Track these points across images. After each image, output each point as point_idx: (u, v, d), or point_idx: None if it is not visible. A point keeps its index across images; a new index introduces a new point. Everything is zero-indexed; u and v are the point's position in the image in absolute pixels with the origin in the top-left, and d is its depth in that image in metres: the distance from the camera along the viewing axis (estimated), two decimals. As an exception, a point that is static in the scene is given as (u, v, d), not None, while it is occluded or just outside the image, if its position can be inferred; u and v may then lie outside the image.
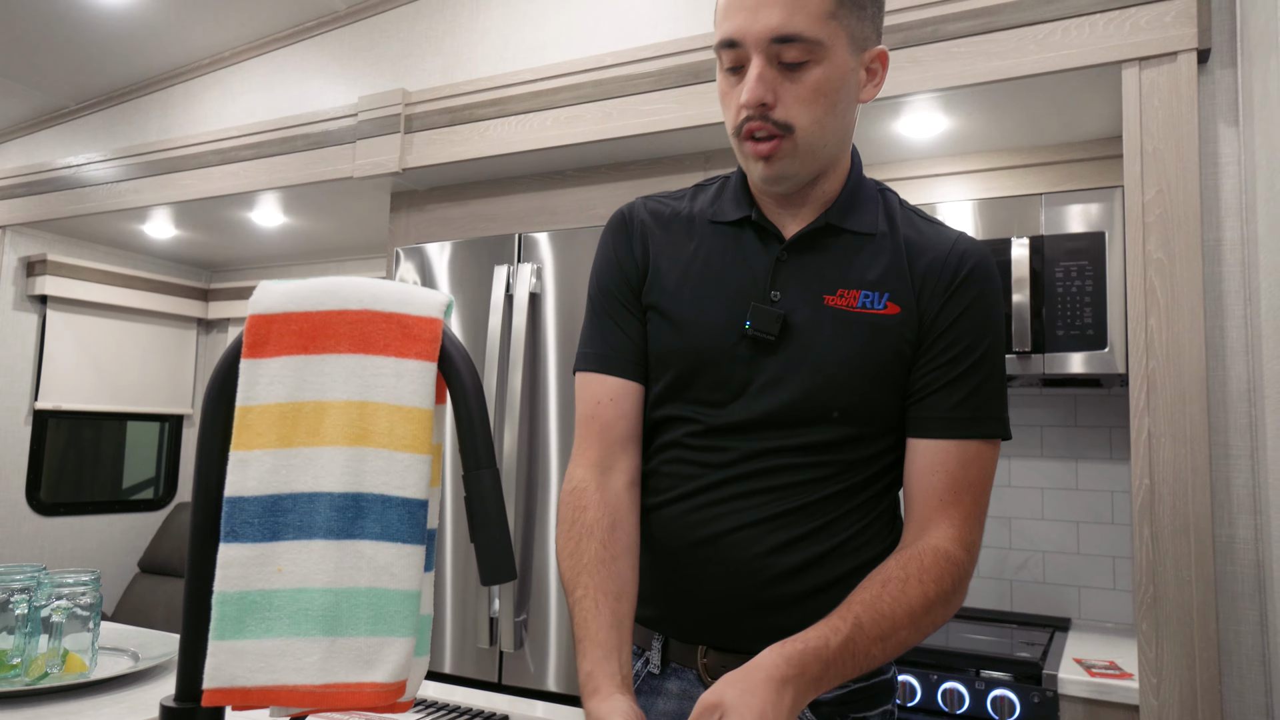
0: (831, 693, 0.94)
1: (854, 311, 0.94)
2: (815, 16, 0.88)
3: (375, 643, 0.64)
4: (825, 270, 0.96)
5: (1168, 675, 1.42)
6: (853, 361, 0.93)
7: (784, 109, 0.89)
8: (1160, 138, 1.52)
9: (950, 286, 0.95)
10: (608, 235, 1.05)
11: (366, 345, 0.67)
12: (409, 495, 0.66)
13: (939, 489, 0.92)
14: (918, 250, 0.96)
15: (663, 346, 0.99)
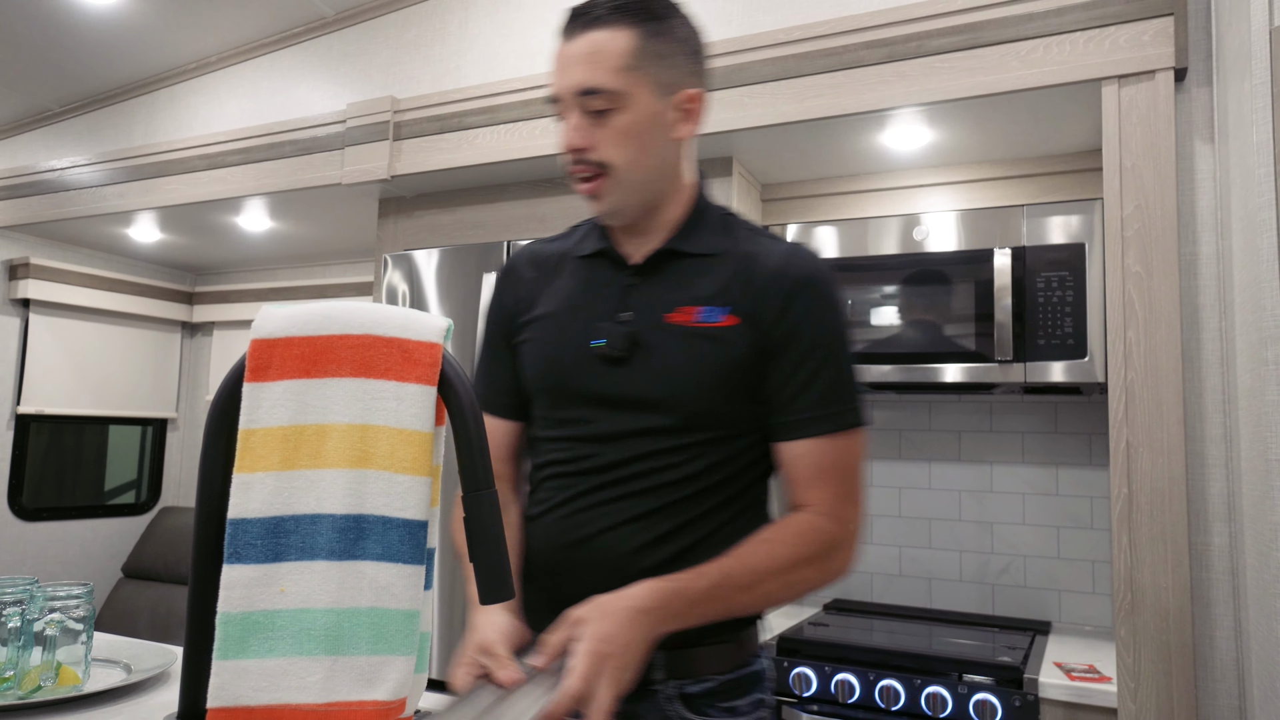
0: (699, 684, 1.03)
1: (692, 325, 1.04)
2: (613, 70, 1.01)
3: (377, 661, 0.65)
4: (668, 291, 1.07)
5: (1145, 679, 1.46)
6: (694, 370, 1.03)
7: (598, 151, 1.02)
8: (1139, 154, 1.56)
9: (786, 295, 1.04)
10: (495, 284, 1.18)
11: (368, 369, 0.69)
12: (409, 516, 0.67)
13: (806, 479, 1.03)
14: (756, 265, 1.06)
15: (530, 373, 1.10)
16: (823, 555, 1.00)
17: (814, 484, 1.02)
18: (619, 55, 1.01)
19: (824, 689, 1.87)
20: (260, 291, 3.66)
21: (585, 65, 1.01)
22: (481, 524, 0.68)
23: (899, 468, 2.48)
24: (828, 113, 1.84)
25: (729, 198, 2.09)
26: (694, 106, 1.06)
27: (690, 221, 1.09)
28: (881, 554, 2.47)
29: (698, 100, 1.06)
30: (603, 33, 1.02)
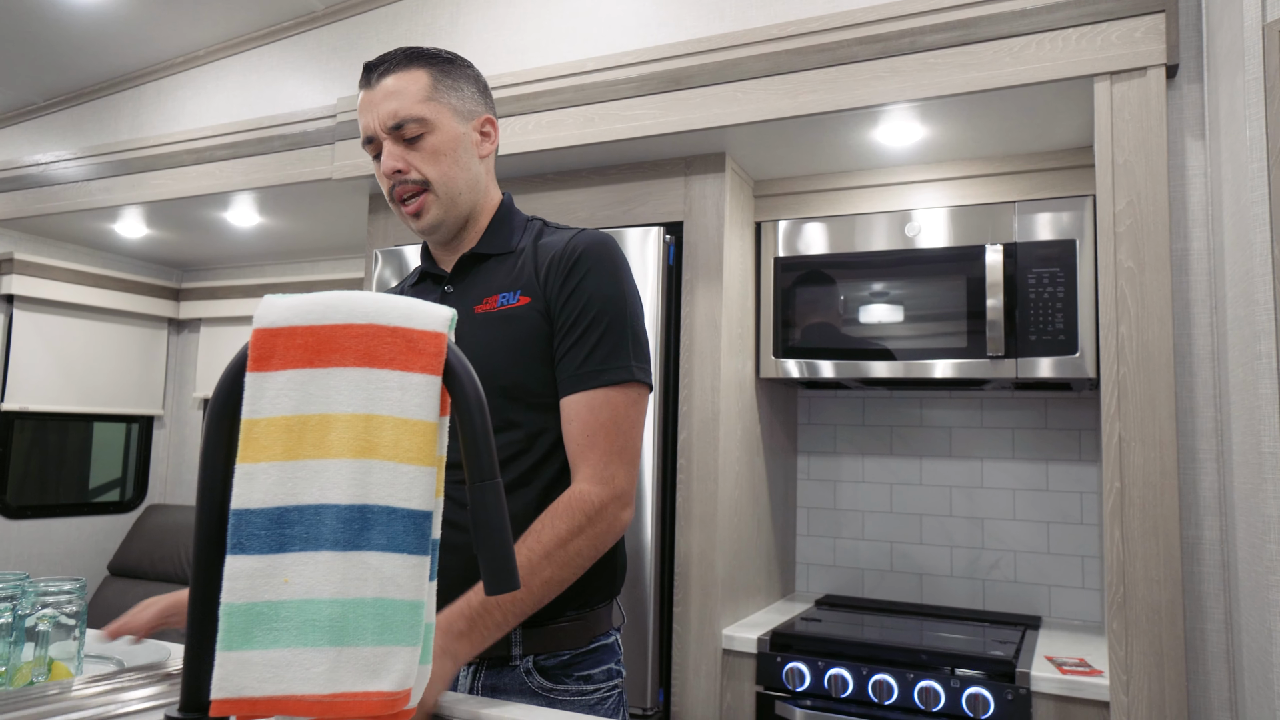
0: (554, 658, 1.14)
1: (495, 311, 1.18)
2: (416, 101, 1.16)
3: (381, 652, 0.65)
4: (475, 289, 1.21)
5: (1136, 673, 1.47)
6: (499, 347, 1.15)
7: (416, 170, 1.17)
8: (1130, 150, 1.57)
9: (566, 269, 1.17)
10: None
11: (372, 359, 0.68)
12: (414, 507, 0.67)
13: (576, 436, 1.12)
14: (546, 251, 1.20)
15: None
16: (590, 523, 1.08)
17: (584, 444, 1.11)
18: (419, 90, 1.17)
19: (817, 684, 1.88)
20: (248, 288, 3.64)
21: (391, 102, 1.16)
22: (486, 514, 0.67)
23: (890, 463, 2.49)
24: (821, 108, 1.84)
25: (721, 194, 2.09)
26: (490, 129, 1.24)
27: (491, 228, 1.24)
28: (873, 550, 2.48)
29: (493, 124, 1.24)
30: (400, 74, 1.17)
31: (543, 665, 1.14)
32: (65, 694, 0.95)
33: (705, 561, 2.00)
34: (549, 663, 1.15)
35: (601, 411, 1.12)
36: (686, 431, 2.05)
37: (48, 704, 0.93)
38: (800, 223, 2.26)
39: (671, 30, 2.14)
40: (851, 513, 2.52)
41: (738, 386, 2.16)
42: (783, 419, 2.51)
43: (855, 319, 2.15)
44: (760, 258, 2.32)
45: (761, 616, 2.20)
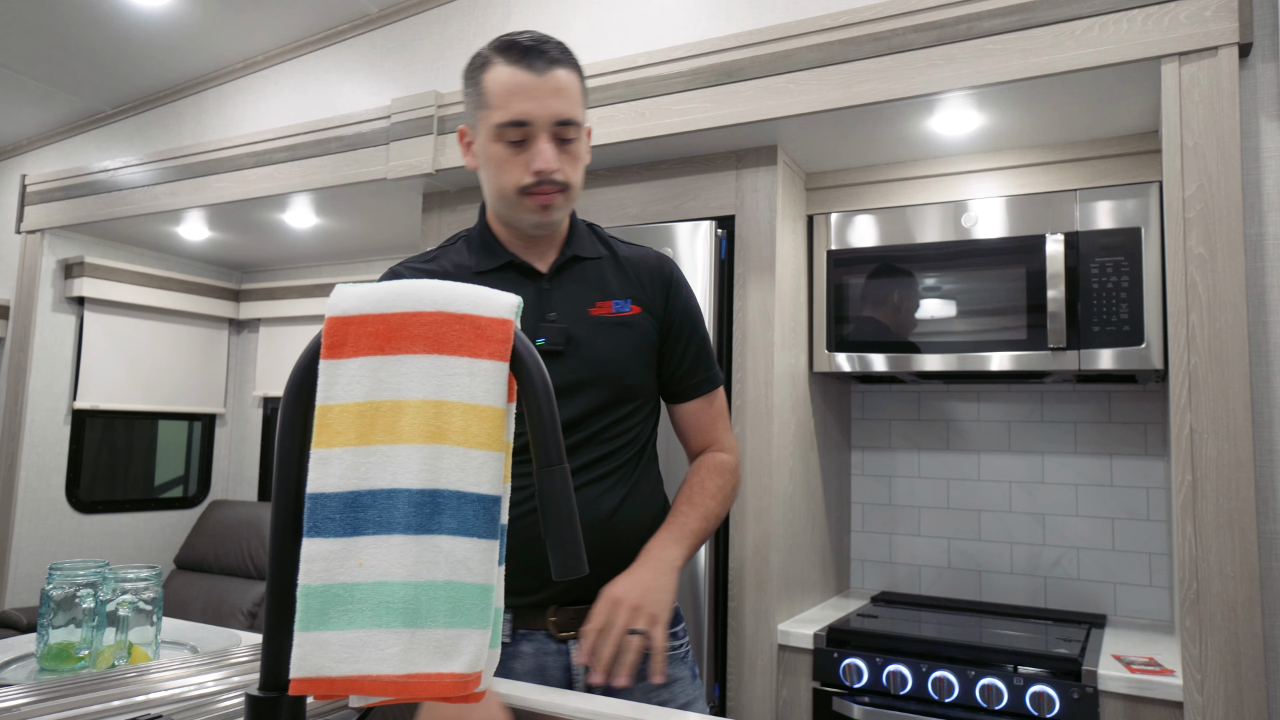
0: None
1: (612, 316, 1.27)
2: (575, 104, 1.19)
3: (453, 634, 0.65)
4: (577, 289, 1.27)
5: (1211, 671, 1.42)
6: (621, 352, 1.26)
7: (564, 173, 1.19)
8: (1200, 133, 1.52)
9: (665, 288, 1.33)
10: None
11: (441, 346, 0.69)
12: (483, 491, 0.68)
13: (705, 426, 1.36)
14: (635, 265, 1.32)
15: None
16: (733, 475, 1.35)
17: (709, 430, 1.37)
18: (578, 93, 1.20)
19: (875, 680, 1.85)
20: (305, 288, 3.72)
21: (559, 99, 1.16)
22: (554, 499, 0.68)
23: (947, 458, 2.45)
24: (875, 98, 1.82)
25: (773, 187, 2.08)
26: (590, 139, 1.34)
27: (574, 232, 1.31)
28: (930, 546, 2.44)
29: (589, 132, 1.29)
30: (563, 72, 1.17)
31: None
32: (145, 676, 0.99)
33: (760, 556, 1.99)
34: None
35: (715, 404, 1.38)
36: (740, 425, 2.04)
37: (130, 685, 0.96)
38: (853, 215, 2.23)
39: (722, 23, 2.13)
40: (907, 508, 2.49)
41: (791, 380, 2.14)
42: (836, 414, 2.48)
43: (910, 312, 2.12)
44: (812, 251, 2.29)
45: (817, 613, 2.18)
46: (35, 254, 3.29)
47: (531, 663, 1.20)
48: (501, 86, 1.14)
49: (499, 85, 1.14)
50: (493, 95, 1.15)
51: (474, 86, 1.19)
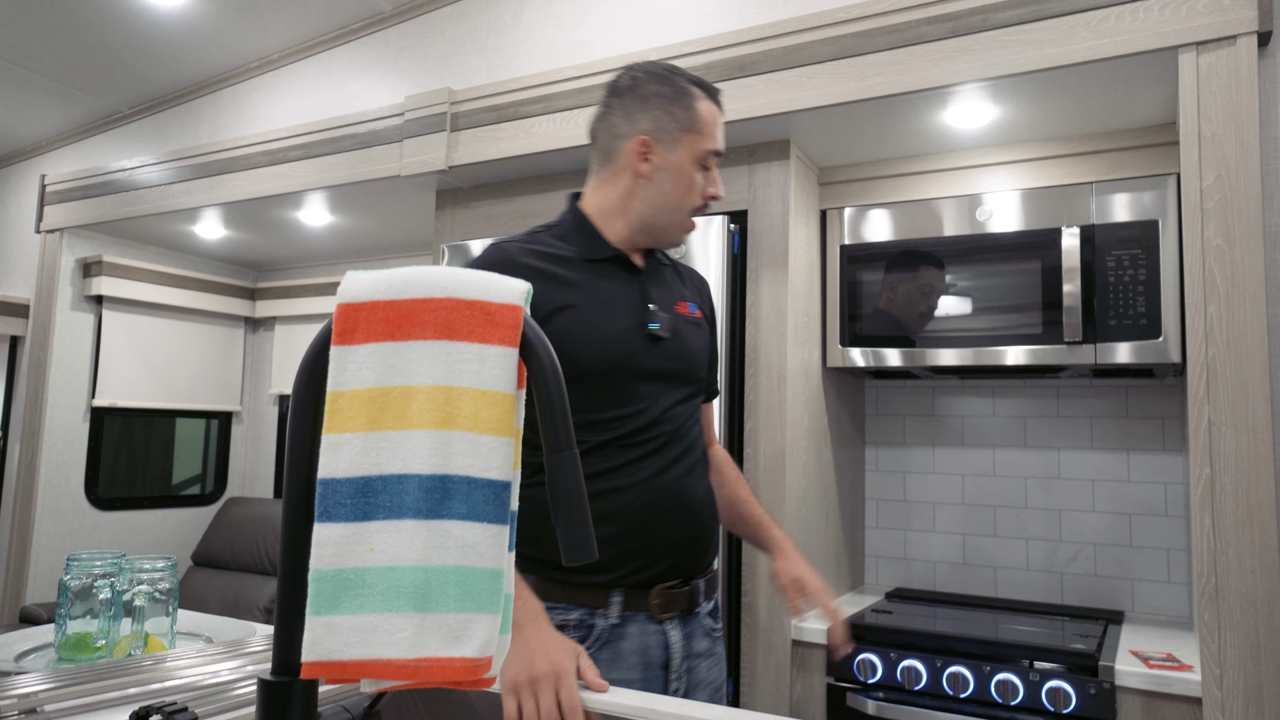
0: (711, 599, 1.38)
1: (690, 316, 1.39)
2: None
3: (464, 619, 0.66)
4: (662, 289, 1.37)
5: (1231, 666, 1.41)
6: (699, 347, 1.38)
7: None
8: (1219, 122, 1.50)
9: (707, 299, 1.50)
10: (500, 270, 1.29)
11: (451, 332, 0.69)
12: (493, 477, 0.68)
13: (706, 425, 1.49)
14: (687, 274, 1.48)
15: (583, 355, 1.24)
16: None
17: (708, 429, 1.50)
18: None
19: (890, 675, 1.84)
20: (320, 286, 3.74)
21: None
22: (564, 485, 0.68)
23: (962, 454, 2.43)
24: (889, 91, 1.81)
25: (786, 182, 2.07)
26: None
27: None
28: (944, 542, 2.43)
29: None
30: None
31: (709, 609, 1.38)
32: (162, 664, 0.99)
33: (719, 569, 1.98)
34: (710, 605, 1.38)
35: (713, 407, 1.55)
36: (753, 421, 2.03)
37: (146, 673, 0.97)
38: (866, 209, 2.22)
39: (734, 17, 2.13)
40: (922, 505, 2.47)
41: (804, 376, 2.13)
42: (850, 410, 2.47)
43: (924, 307, 2.11)
44: (826, 246, 2.29)
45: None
46: (54, 253, 3.33)
47: (637, 643, 1.25)
48: (710, 118, 1.31)
49: (710, 116, 1.31)
50: (704, 125, 1.30)
51: (683, 110, 1.29)
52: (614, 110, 1.32)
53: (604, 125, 1.33)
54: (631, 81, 1.31)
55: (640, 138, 1.29)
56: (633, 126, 1.30)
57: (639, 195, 1.31)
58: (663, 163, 1.29)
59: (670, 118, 1.29)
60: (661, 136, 1.29)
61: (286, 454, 0.70)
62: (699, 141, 1.29)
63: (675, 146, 1.29)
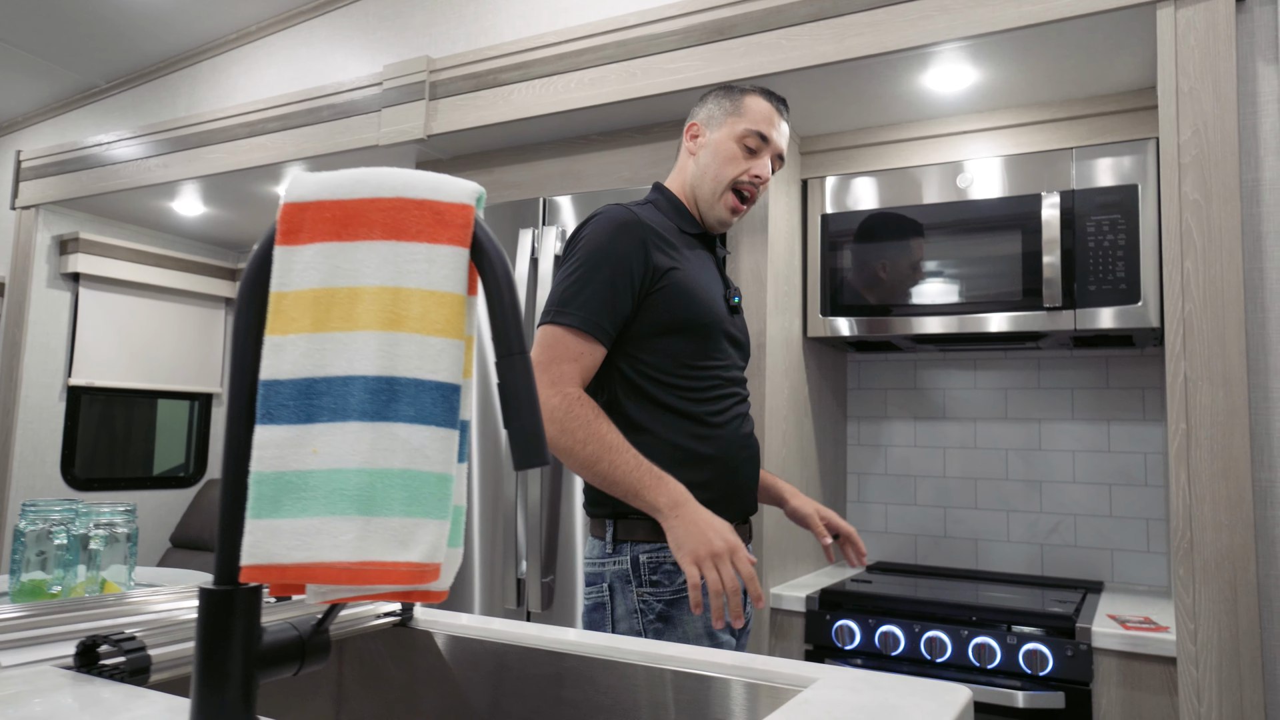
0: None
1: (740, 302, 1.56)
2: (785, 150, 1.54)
3: (410, 523, 0.64)
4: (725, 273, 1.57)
5: (1205, 621, 1.40)
6: (747, 329, 1.58)
7: (763, 188, 1.52)
8: (1196, 77, 1.50)
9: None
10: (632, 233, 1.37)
11: (399, 231, 0.67)
12: (442, 379, 0.66)
13: None
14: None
15: (685, 311, 1.38)
16: None
17: None
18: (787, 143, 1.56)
19: (868, 641, 1.83)
20: (301, 266, 3.70)
21: (784, 141, 1.51)
22: (515, 389, 0.66)
23: (943, 427, 2.43)
24: (868, 51, 1.79)
25: (767, 147, 2.05)
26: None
27: None
28: (926, 516, 2.42)
29: None
30: (789, 127, 1.64)
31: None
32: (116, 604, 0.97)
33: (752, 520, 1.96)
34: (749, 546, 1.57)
35: None
36: (732, 387, 2.02)
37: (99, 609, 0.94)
38: (848, 178, 2.21)
39: (714, -18, 2.11)
40: (903, 478, 2.47)
41: (784, 345, 2.12)
42: (832, 383, 2.46)
43: (905, 275, 2.10)
44: (807, 215, 2.27)
45: (810, 579, 2.16)
46: (30, 230, 3.28)
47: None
48: (759, 109, 1.47)
49: (758, 107, 1.47)
50: (749, 111, 1.46)
51: (730, 101, 1.48)
52: (688, 117, 1.56)
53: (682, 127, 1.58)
54: (705, 92, 1.58)
55: (692, 122, 1.52)
56: (690, 117, 1.54)
57: (689, 170, 1.51)
58: (706, 140, 1.49)
59: (718, 106, 1.49)
60: (708, 120, 1.50)
61: (229, 356, 0.68)
62: (739, 122, 1.46)
63: (719, 127, 1.48)
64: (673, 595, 1.30)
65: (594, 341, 1.32)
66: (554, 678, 0.99)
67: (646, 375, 1.37)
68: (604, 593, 1.34)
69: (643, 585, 1.31)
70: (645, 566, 1.31)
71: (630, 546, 1.33)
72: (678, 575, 1.31)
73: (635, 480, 1.24)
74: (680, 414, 1.37)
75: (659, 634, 1.29)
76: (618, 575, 1.33)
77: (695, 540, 1.19)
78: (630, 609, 1.30)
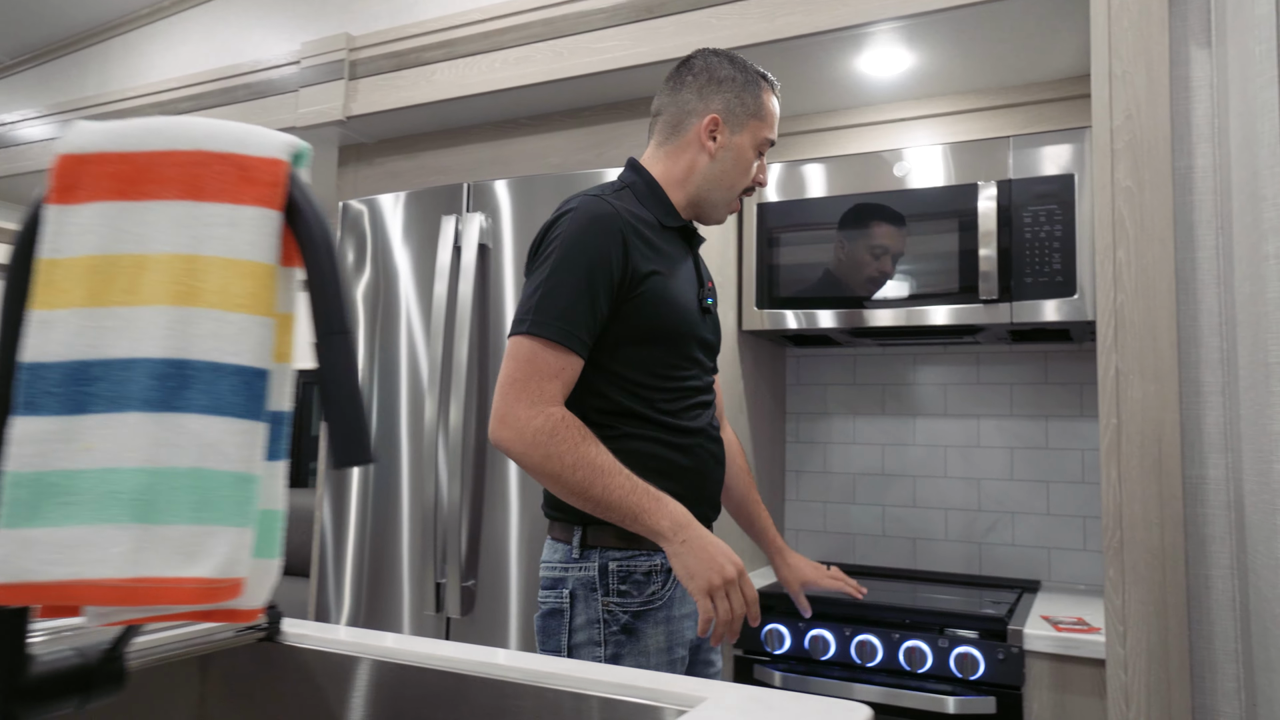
0: None
1: (713, 295, 1.46)
2: None
3: (198, 532, 0.54)
4: (702, 265, 1.46)
5: (1134, 623, 1.35)
6: (719, 326, 1.46)
7: None
8: (1129, 60, 1.45)
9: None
10: (609, 235, 1.25)
11: (197, 191, 0.57)
12: (244, 363, 0.56)
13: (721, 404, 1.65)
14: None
15: (660, 319, 1.29)
16: None
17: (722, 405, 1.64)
18: None
19: (797, 645, 1.77)
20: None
21: None
22: (335, 374, 0.57)
23: (883, 423, 2.37)
24: (800, 31, 1.72)
25: (699, 132, 1.98)
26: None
27: None
28: (864, 514, 2.37)
29: None
30: None
31: None
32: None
33: (680, 518, 1.88)
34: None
35: None
36: (661, 382, 1.94)
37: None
38: (785, 166, 2.14)
39: (645, -40, 2.02)
40: (842, 476, 2.41)
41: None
42: (769, 380, 2.39)
43: (842, 266, 2.03)
44: (742, 205, 2.20)
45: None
46: (-70, 214, 3.09)
47: None
48: (773, 110, 1.40)
49: (772, 108, 1.40)
50: (768, 115, 1.39)
51: (752, 98, 1.38)
52: (686, 87, 1.38)
53: (674, 100, 1.39)
54: (706, 63, 1.38)
55: (712, 116, 1.36)
56: (705, 105, 1.36)
57: (700, 170, 1.38)
58: (727, 143, 1.37)
59: (740, 102, 1.37)
60: (730, 118, 1.37)
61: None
62: (761, 129, 1.39)
63: (741, 130, 1.37)
64: (640, 607, 1.24)
65: (573, 354, 1.22)
66: (425, 698, 0.90)
67: (617, 383, 1.28)
68: (563, 599, 1.26)
69: (609, 594, 1.23)
70: (614, 575, 1.24)
71: (599, 554, 1.25)
72: (648, 586, 1.25)
73: (633, 504, 1.17)
74: (653, 423, 1.29)
75: (619, 646, 1.22)
76: (582, 582, 1.25)
77: (707, 568, 1.15)
78: (592, 618, 1.23)
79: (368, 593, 2.12)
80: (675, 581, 1.25)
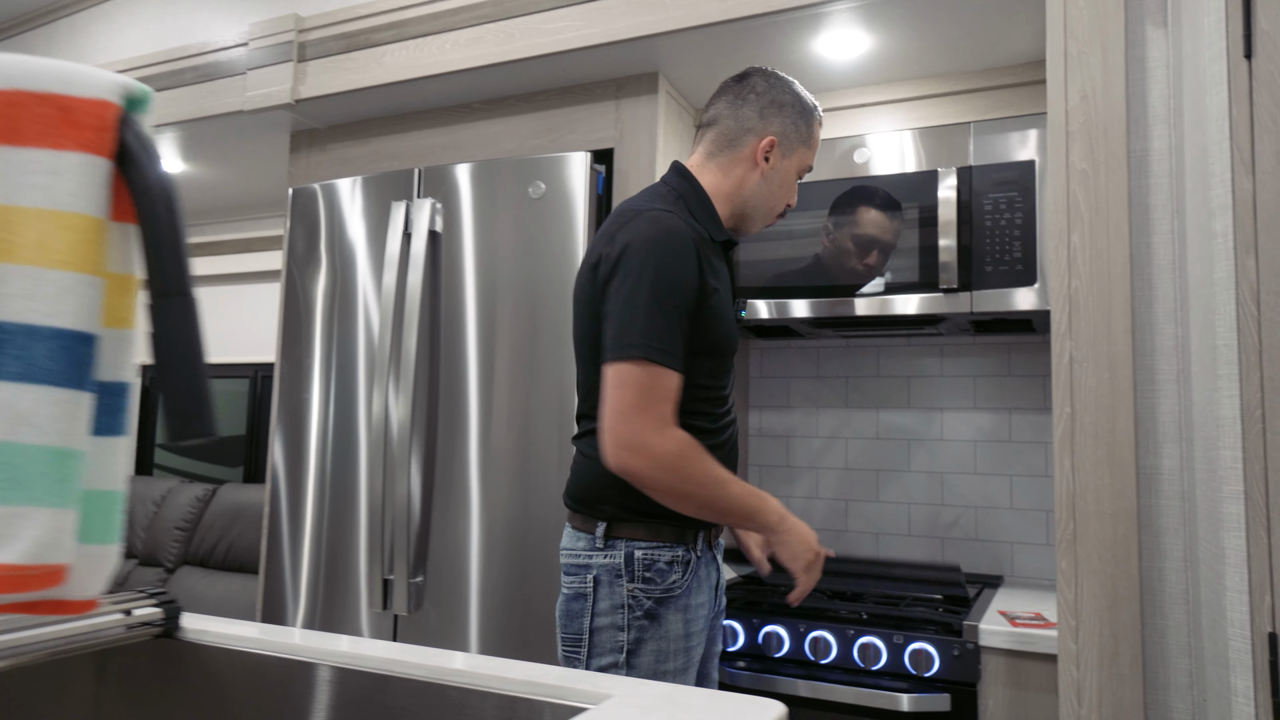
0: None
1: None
2: None
3: (5, 513, 0.48)
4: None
5: (1087, 617, 1.31)
6: None
7: None
8: (1085, 39, 1.41)
9: None
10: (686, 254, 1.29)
11: (13, 135, 0.52)
12: (64, 325, 0.51)
13: None
14: None
15: (721, 334, 1.35)
16: None
17: None
18: None
19: (751, 642, 1.72)
20: (185, 247, 3.46)
21: None
22: (171, 340, 0.51)
23: (845, 416, 2.33)
24: (755, 10, 1.68)
25: (654, 118, 1.93)
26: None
27: None
28: (828, 508, 2.33)
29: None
30: None
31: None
32: None
33: (633, 512, 1.83)
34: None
35: None
36: (614, 372, 1.88)
37: None
38: (744, 154, 2.09)
39: (599, -61, 1.97)
40: (805, 469, 2.37)
41: (673, 327, 1.99)
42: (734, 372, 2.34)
43: (801, 255, 1.99)
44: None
45: (700, 575, 2.03)
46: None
47: (705, 570, 1.37)
48: (819, 141, 1.49)
49: (819, 140, 1.48)
50: (815, 144, 1.46)
51: (806, 126, 1.44)
52: (748, 104, 1.42)
53: (734, 114, 1.42)
54: (769, 84, 1.43)
55: (770, 138, 1.41)
56: (765, 125, 1.41)
57: (750, 186, 1.43)
58: (778, 165, 1.43)
59: (795, 129, 1.43)
60: (785, 142, 1.43)
61: None
62: (807, 157, 1.46)
63: (791, 154, 1.44)
64: (662, 594, 1.31)
65: (678, 374, 1.29)
66: (325, 695, 0.84)
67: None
68: (587, 584, 1.33)
69: (634, 581, 1.31)
70: (640, 563, 1.31)
71: (625, 543, 1.32)
72: (669, 575, 1.33)
73: (748, 506, 1.30)
74: (700, 430, 1.37)
75: (642, 630, 1.30)
76: (607, 569, 1.32)
77: (805, 549, 1.32)
78: (616, 603, 1.31)
79: (324, 590, 2.06)
80: (692, 571, 1.34)
